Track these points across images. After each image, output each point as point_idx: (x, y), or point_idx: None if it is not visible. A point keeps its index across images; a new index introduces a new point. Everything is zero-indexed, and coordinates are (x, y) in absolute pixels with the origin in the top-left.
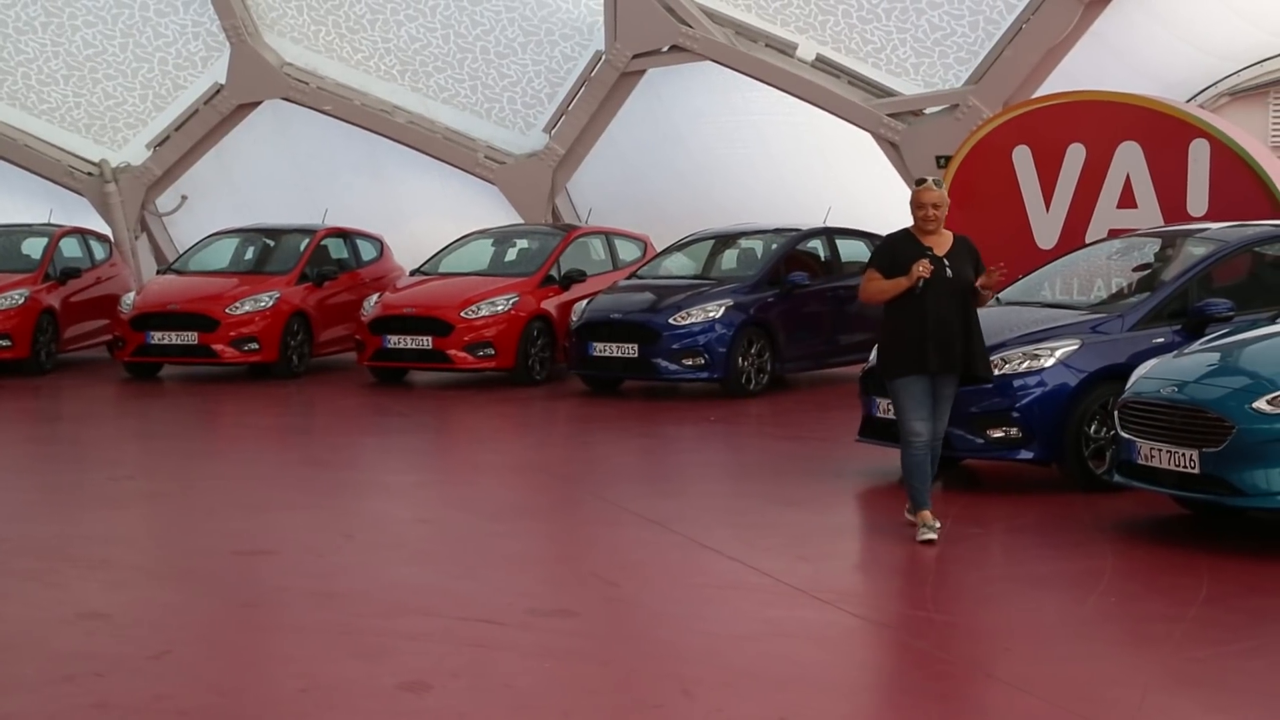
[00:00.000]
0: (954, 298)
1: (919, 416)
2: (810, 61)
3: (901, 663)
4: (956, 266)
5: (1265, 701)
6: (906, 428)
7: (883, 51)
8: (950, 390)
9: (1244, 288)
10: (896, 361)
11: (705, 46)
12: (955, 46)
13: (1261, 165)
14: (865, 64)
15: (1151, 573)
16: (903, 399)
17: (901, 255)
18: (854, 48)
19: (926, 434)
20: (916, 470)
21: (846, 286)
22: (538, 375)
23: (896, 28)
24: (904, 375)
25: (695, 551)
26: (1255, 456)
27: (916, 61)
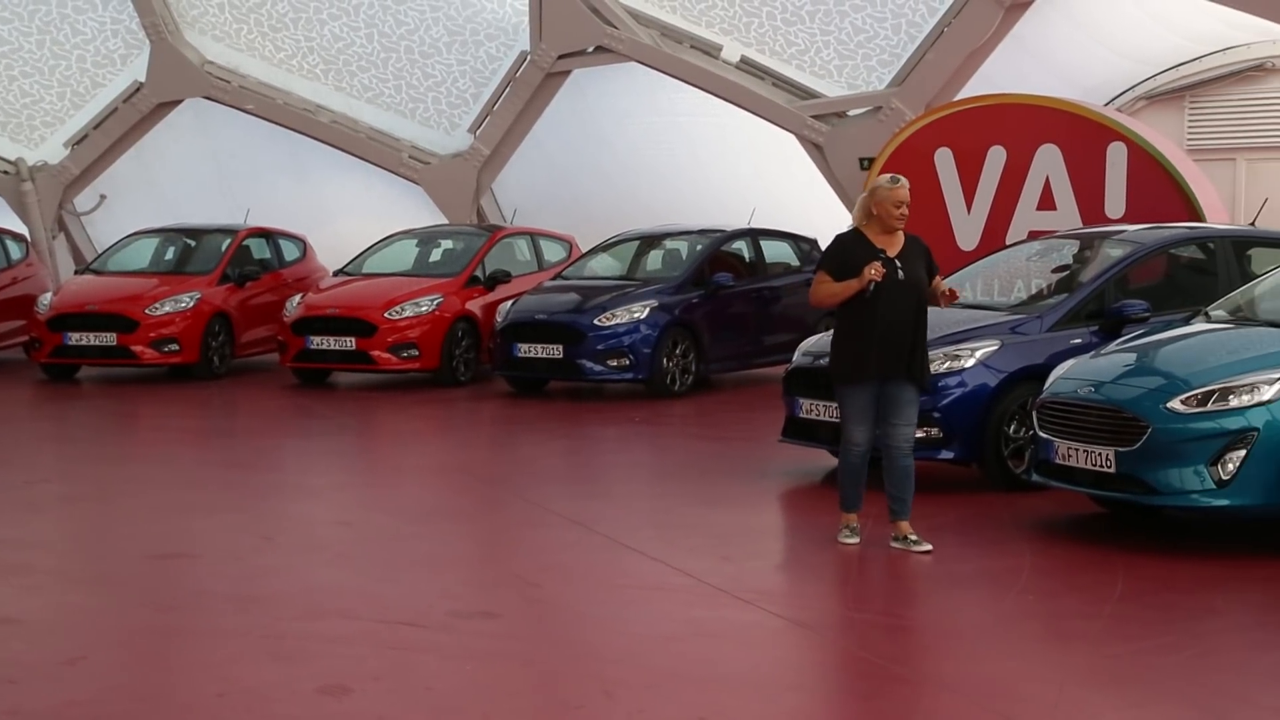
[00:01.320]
0: (907, 300)
1: (860, 424)
2: (735, 63)
3: (823, 662)
4: (909, 268)
5: (1178, 697)
6: (847, 434)
7: (807, 54)
8: (909, 395)
9: (1160, 289)
10: (844, 367)
11: (630, 48)
12: (878, 49)
13: (1177, 168)
14: (789, 66)
15: (1069, 571)
16: (846, 405)
17: (853, 257)
18: (778, 50)
19: (865, 442)
20: (850, 474)
21: (771, 287)
22: (462, 376)
23: (820, 30)
24: (851, 382)
25: (618, 552)
26: (1170, 455)
27: (840, 64)
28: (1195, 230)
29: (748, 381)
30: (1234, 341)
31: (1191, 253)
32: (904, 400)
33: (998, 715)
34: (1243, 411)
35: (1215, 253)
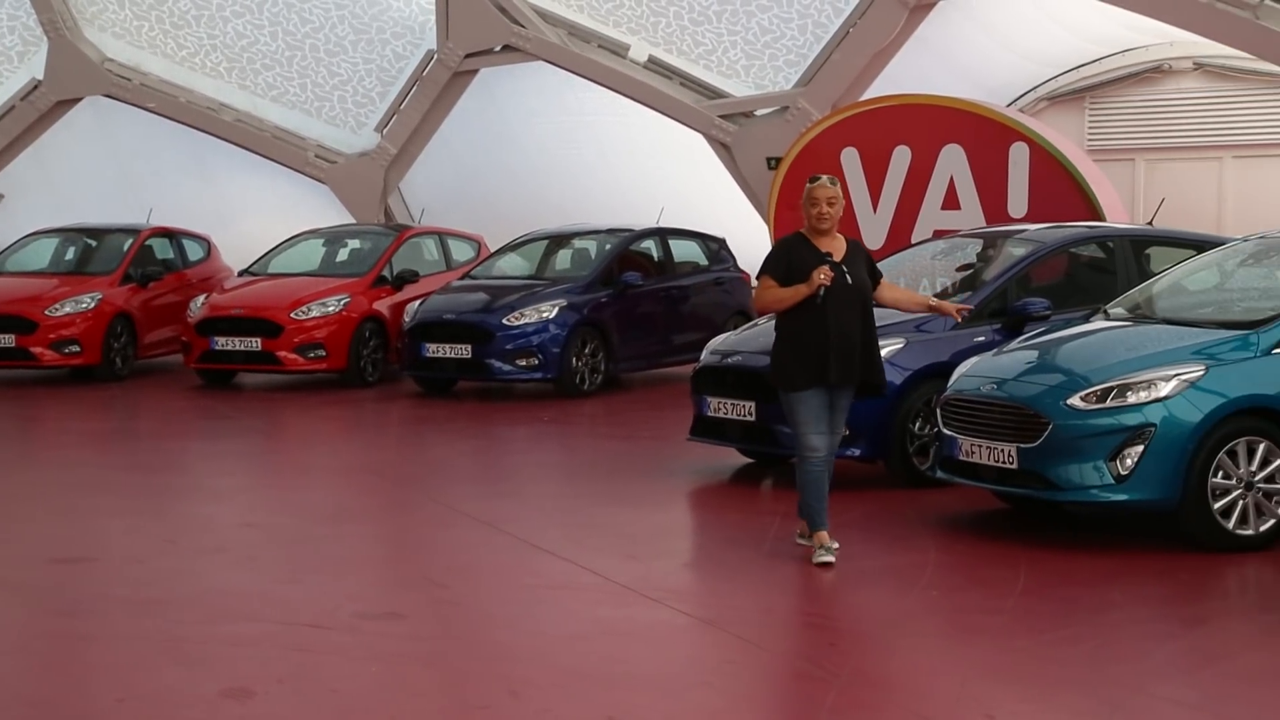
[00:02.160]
0: (854, 305)
1: (817, 431)
2: (642, 62)
3: (731, 659)
4: (854, 272)
5: (1078, 689)
6: (804, 443)
7: (714, 53)
8: (847, 400)
9: (1061, 287)
10: (796, 373)
11: (538, 46)
12: (785, 49)
13: (1077, 168)
14: (697, 65)
15: (972, 566)
16: (800, 413)
17: (798, 261)
18: (685, 49)
19: (824, 449)
20: (813, 487)
21: (680, 286)
22: (370, 377)
23: (727, 30)
24: (804, 388)
25: (526, 552)
26: (1070, 451)
27: (747, 64)
28: (1095, 229)
29: (657, 380)
30: (1132, 339)
31: (1091, 251)
32: (840, 408)
33: (903, 710)
34: (1140, 408)
35: (1114, 251)
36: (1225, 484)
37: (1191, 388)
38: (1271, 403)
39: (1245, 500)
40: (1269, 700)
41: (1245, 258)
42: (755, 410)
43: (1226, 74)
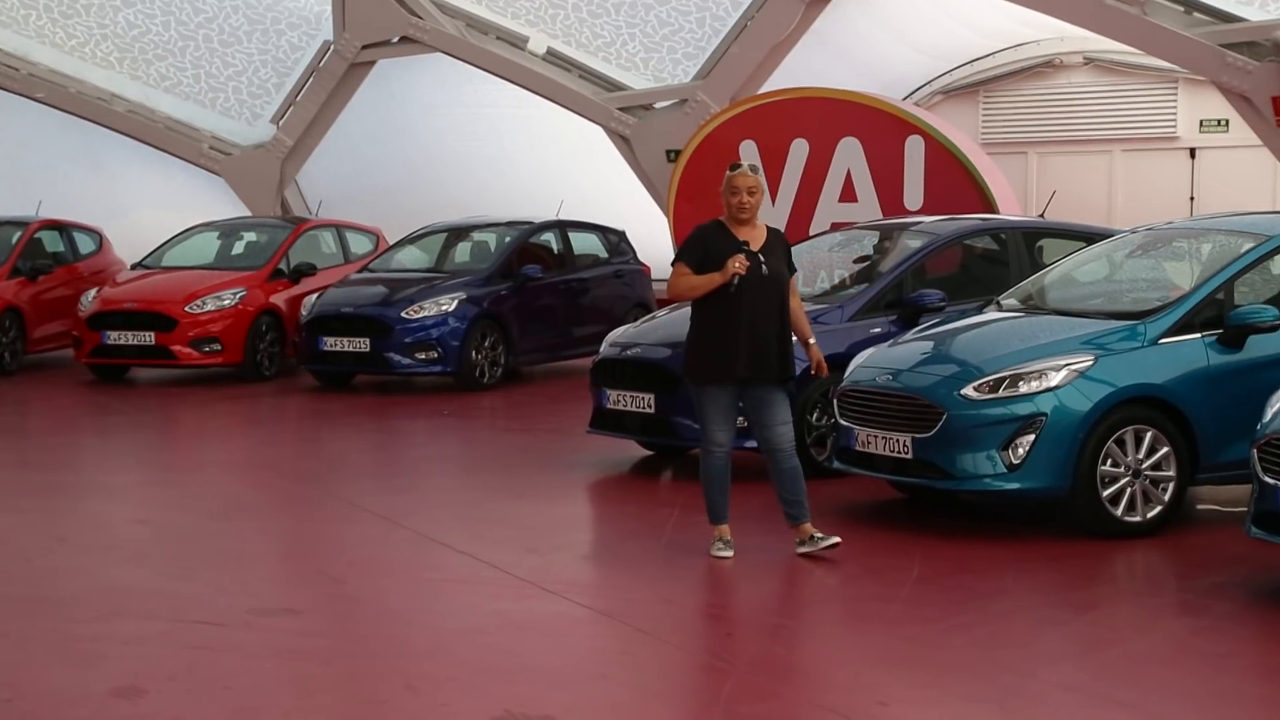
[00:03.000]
0: (770, 296)
1: (722, 426)
2: (541, 55)
3: (629, 651)
4: (772, 262)
5: (969, 675)
6: (708, 436)
7: (613, 46)
8: (772, 394)
9: (955, 279)
10: (705, 366)
11: (436, 38)
12: (683, 42)
13: (972, 161)
14: (596, 58)
15: (868, 555)
16: (707, 406)
17: (715, 249)
18: (584, 42)
19: (727, 443)
20: (715, 481)
21: (580, 279)
22: (267, 371)
23: (626, 23)
24: (712, 382)
25: (425, 546)
26: (964, 441)
27: (646, 56)
28: (988, 222)
29: (557, 373)
30: (1024, 330)
31: (985, 243)
32: (774, 399)
33: (798, 698)
34: (1032, 397)
35: (1007, 243)
36: (1114, 472)
37: (1081, 377)
38: (1158, 392)
39: (1133, 487)
40: (1155, 683)
41: (1133, 249)
42: (655, 402)
43: (1115, 69)
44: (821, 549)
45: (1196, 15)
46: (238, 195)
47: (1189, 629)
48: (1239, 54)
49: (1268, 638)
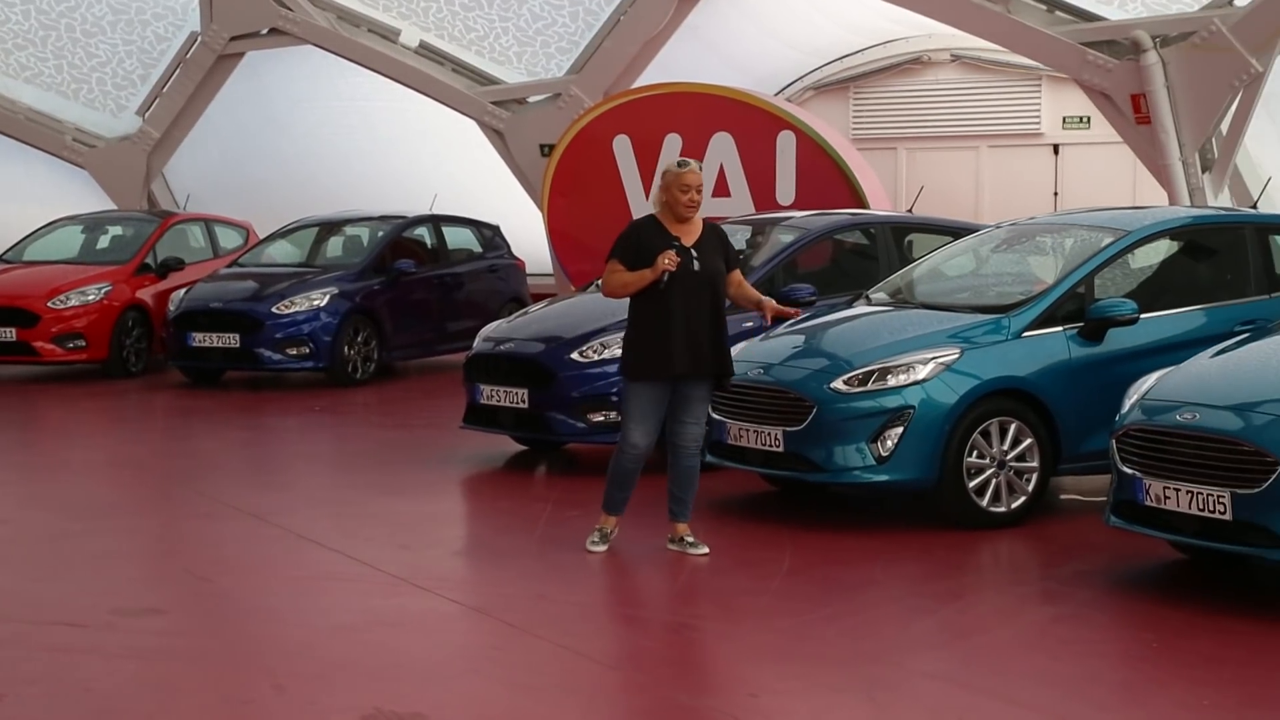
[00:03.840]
0: (702, 293)
1: (642, 425)
2: (414, 48)
3: (500, 646)
4: (705, 258)
5: (837, 665)
6: (625, 435)
7: (486, 39)
8: (701, 392)
9: (826, 273)
10: (638, 363)
11: (306, 30)
12: (557, 36)
13: (842, 156)
14: (469, 52)
15: (740, 548)
16: (632, 404)
17: (647, 245)
18: (457, 35)
19: (645, 446)
20: (623, 479)
21: (454, 274)
22: (133, 367)
23: (499, 16)
24: (643, 379)
25: (295, 544)
26: (833, 434)
27: (519, 50)
28: (858, 216)
29: (431, 369)
30: (893, 323)
31: (855, 238)
32: (696, 398)
33: (668, 692)
34: (900, 390)
35: (877, 238)
36: (979, 463)
37: (948, 370)
38: (1022, 384)
39: (998, 478)
40: (1018, 670)
41: (998, 244)
42: (528, 397)
43: (982, 66)
44: (689, 552)
45: (1059, 14)
46: (103, 188)
47: (1051, 616)
48: (1099, 52)
49: (1126, 624)
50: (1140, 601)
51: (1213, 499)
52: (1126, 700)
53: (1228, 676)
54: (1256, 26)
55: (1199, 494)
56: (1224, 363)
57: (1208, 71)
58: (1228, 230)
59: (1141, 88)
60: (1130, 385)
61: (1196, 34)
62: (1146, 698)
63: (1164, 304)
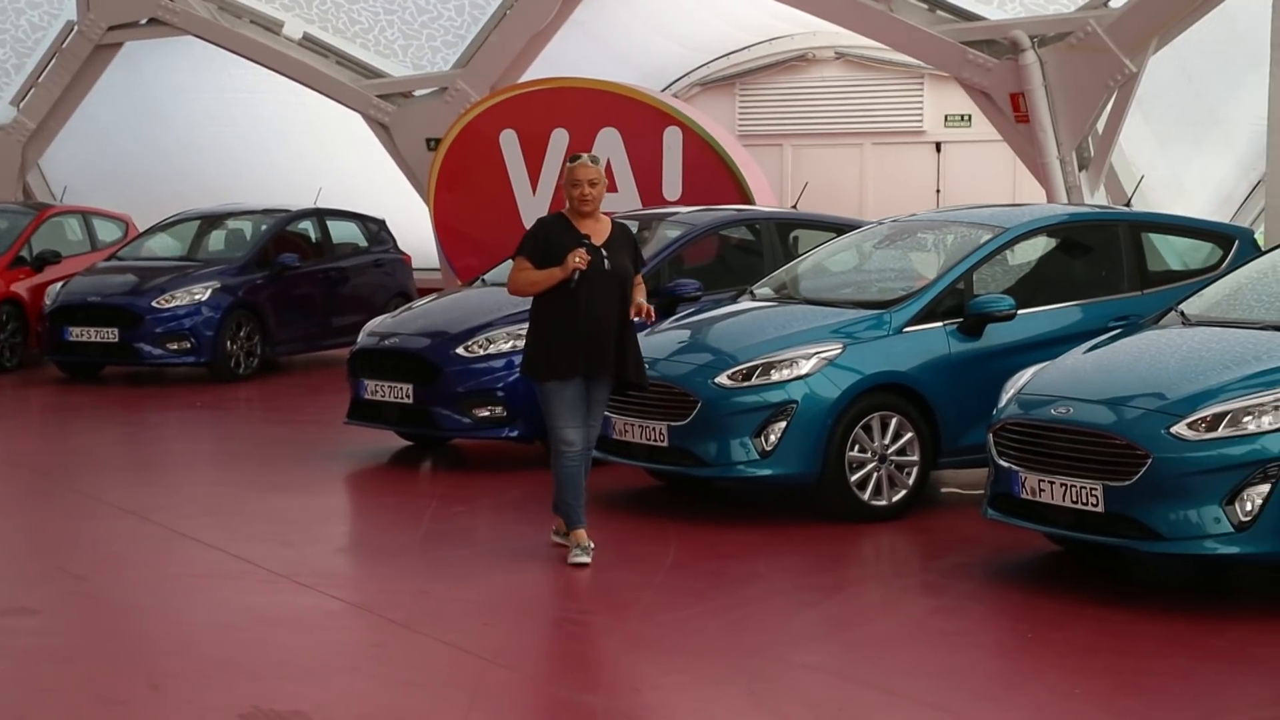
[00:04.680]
0: (611, 292)
1: (572, 424)
2: (297, 40)
3: (379, 643)
4: (615, 257)
5: (719, 658)
6: (558, 436)
7: (371, 32)
8: (604, 394)
9: (711, 269)
10: (547, 363)
11: (186, 21)
12: (442, 30)
13: (728, 152)
14: (353, 44)
15: (624, 542)
16: (554, 405)
17: (556, 243)
18: (341, 27)
19: (581, 443)
20: (570, 484)
21: (339, 268)
22: (8, 363)
23: (384, 9)
24: (555, 379)
25: (174, 541)
26: (718, 429)
27: (405, 44)
28: (743, 212)
29: (316, 364)
30: (777, 319)
31: (740, 234)
32: (599, 400)
33: (551, 687)
34: (783, 385)
35: (762, 234)
36: (861, 457)
37: (830, 365)
38: (903, 378)
39: (879, 472)
40: (896, 661)
41: (881, 240)
42: (413, 393)
43: (865, 64)
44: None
45: (940, 13)
46: None
47: (929, 608)
48: (979, 51)
49: (1002, 615)
50: (1016, 593)
51: (1085, 491)
52: (1002, 690)
53: (1100, 665)
54: (1130, 28)
55: (1072, 487)
56: (1098, 358)
57: (1084, 71)
58: (1102, 228)
59: (1020, 87)
60: (1007, 380)
61: (1073, 34)
62: (1022, 687)
63: (1041, 300)
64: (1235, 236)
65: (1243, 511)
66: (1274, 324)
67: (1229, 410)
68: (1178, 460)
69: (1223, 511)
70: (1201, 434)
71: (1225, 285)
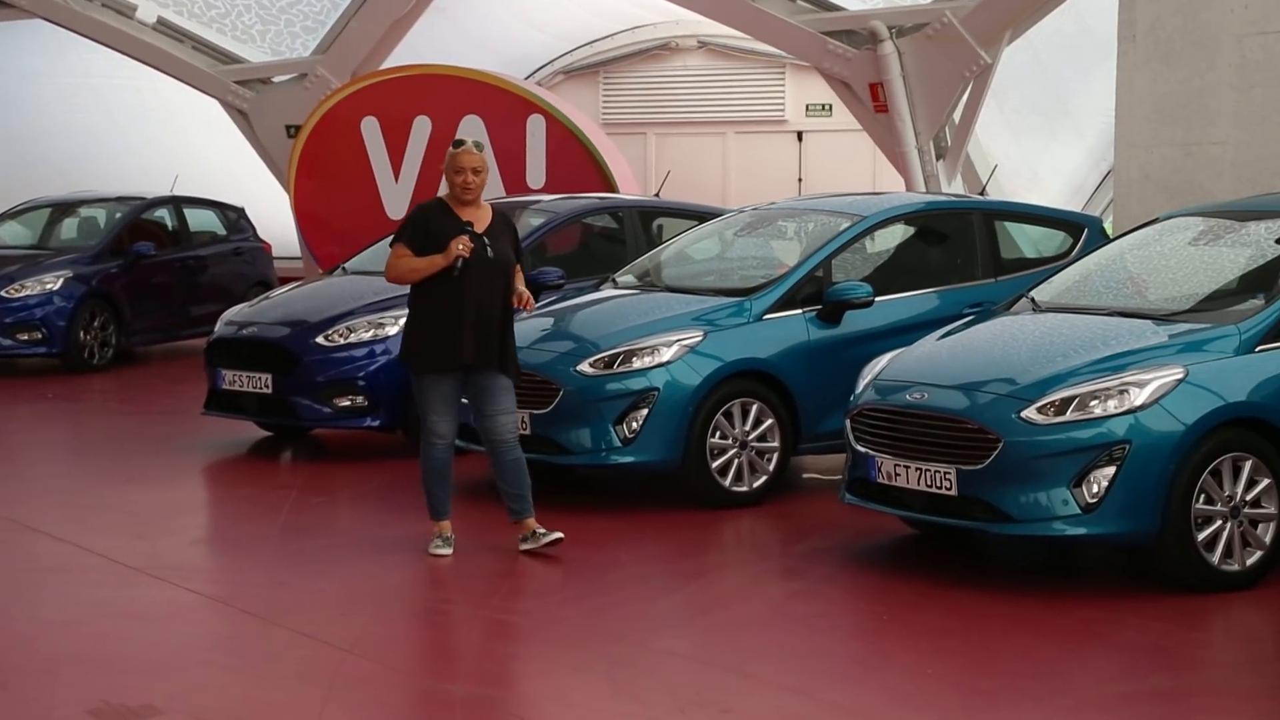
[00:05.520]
0: (495, 281)
1: (445, 416)
2: (151, 24)
3: (234, 635)
4: (497, 245)
5: (580, 646)
6: (429, 427)
7: (228, 17)
8: (501, 381)
9: (574, 256)
10: (426, 353)
11: (34, 3)
12: (302, 15)
13: (592, 141)
14: (210, 29)
15: (485, 532)
16: (429, 395)
17: (437, 230)
18: (197, 12)
19: (450, 435)
20: (436, 474)
21: (196, 257)
22: None
23: None
24: (434, 370)
25: (22, 535)
26: (580, 417)
27: (263, 29)
28: (606, 200)
29: (174, 354)
30: (640, 306)
31: (604, 222)
32: (498, 387)
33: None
34: (645, 373)
35: (625, 222)
36: (722, 444)
37: (691, 353)
38: (763, 365)
39: (740, 459)
40: (754, 645)
41: (742, 228)
42: (272, 382)
43: (728, 53)
44: (544, 545)
45: (800, 3)
46: None
47: (788, 592)
48: (839, 42)
49: (859, 597)
50: (873, 575)
51: (939, 475)
52: (859, 671)
53: (953, 646)
54: (985, 20)
55: (927, 471)
56: (951, 344)
57: (940, 62)
58: (958, 216)
59: (879, 77)
60: (865, 366)
61: (930, 25)
62: (878, 668)
63: (898, 287)
64: (1085, 225)
65: (1089, 493)
66: (1120, 310)
67: (1076, 394)
68: (1028, 444)
69: (1070, 493)
70: (1050, 418)
71: (1074, 272)
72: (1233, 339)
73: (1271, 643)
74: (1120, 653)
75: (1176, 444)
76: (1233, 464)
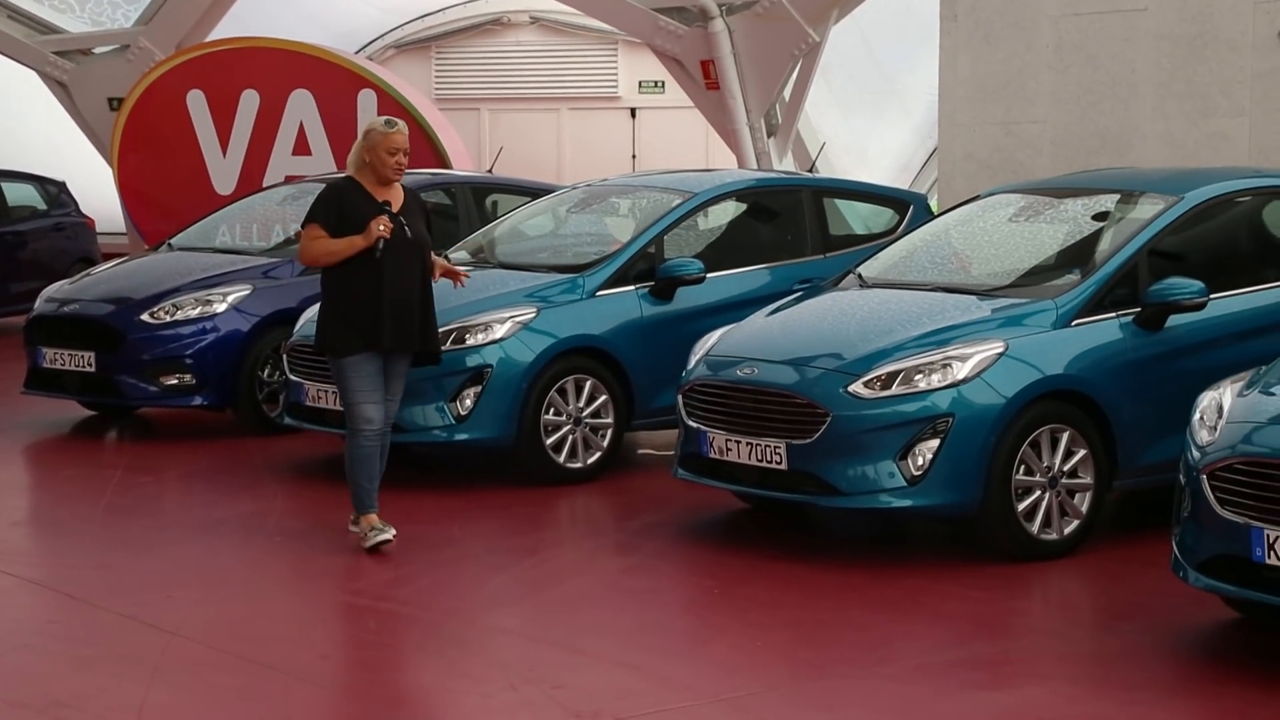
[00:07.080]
0: (414, 262)
1: (372, 400)
2: None
3: (55, 619)
4: (413, 225)
5: (413, 624)
6: (357, 413)
7: None
8: (404, 367)
9: None
10: (346, 337)
11: None
12: None
13: (424, 116)
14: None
15: (318, 511)
16: (352, 380)
17: (352, 209)
18: None
19: (380, 421)
20: (365, 465)
21: (15, 232)
22: None
23: None
24: (356, 353)
25: None
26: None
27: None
28: (439, 176)
29: None
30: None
31: (436, 198)
32: (399, 373)
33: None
34: (479, 349)
35: (457, 198)
36: (557, 420)
37: (525, 329)
38: (597, 342)
39: (574, 435)
40: (587, 621)
41: (575, 204)
42: (95, 360)
43: (560, 29)
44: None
45: None
46: None
47: (621, 568)
48: (670, 19)
49: (691, 572)
50: (706, 550)
51: (770, 450)
52: (687, 645)
53: (782, 619)
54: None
55: (758, 445)
56: (781, 320)
57: (770, 40)
58: (788, 193)
59: (710, 54)
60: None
61: (759, 3)
62: (709, 641)
63: (730, 263)
64: (910, 202)
65: (914, 466)
66: (944, 285)
67: (902, 369)
68: (855, 418)
69: (896, 466)
70: (877, 392)
71: (899, 249)
72: (1050, 313)
73: (1088, 609)
74: (944, 621)
75: (997, 417)
76: (1050, 435)
